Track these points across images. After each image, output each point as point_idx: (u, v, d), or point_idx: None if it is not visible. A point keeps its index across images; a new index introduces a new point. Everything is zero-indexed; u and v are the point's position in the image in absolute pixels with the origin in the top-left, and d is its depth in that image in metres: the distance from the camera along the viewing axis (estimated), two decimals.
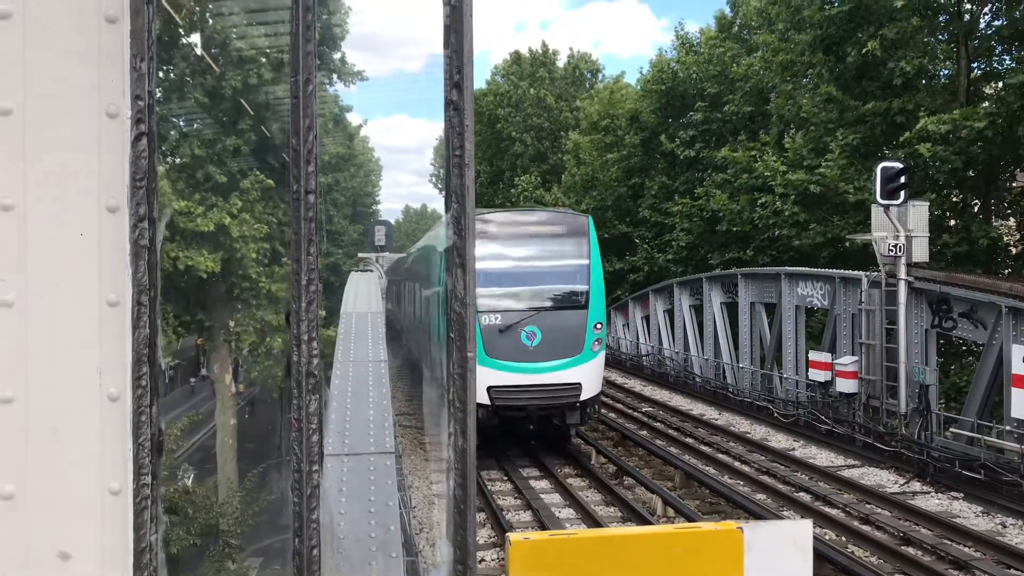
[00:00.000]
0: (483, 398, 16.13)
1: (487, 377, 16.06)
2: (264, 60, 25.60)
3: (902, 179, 17.47)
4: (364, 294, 20.15)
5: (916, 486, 15.78)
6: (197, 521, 20.26)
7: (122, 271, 1.68)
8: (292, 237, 1.68)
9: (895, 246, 17.48)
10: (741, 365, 25.42)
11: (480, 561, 12.32)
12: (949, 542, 12.36)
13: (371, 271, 32.91)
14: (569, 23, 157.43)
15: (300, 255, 1.69)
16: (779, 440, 20.26)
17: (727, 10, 39.12)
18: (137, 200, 1.66)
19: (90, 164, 1.68)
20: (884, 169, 17.54)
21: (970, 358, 23.20)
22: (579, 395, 16.81)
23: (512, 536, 1.45)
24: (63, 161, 1.67)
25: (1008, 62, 24.22)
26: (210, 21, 25.31)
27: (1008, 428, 14.89)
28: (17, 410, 1.64)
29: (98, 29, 1.67)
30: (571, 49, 69.40)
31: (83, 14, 1.67)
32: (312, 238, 1.69)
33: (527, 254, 17.40)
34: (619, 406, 25.20)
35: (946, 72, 26.05)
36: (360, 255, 48.13)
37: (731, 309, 26.48)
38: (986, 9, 24.81)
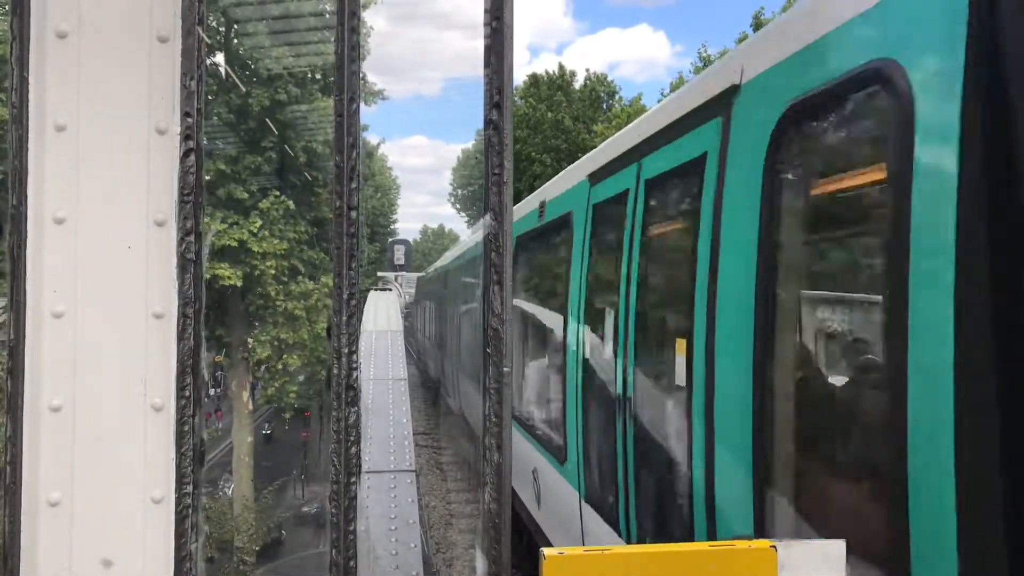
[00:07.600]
0: None
1: None
2: (289, 79, 25.89)
3: None
4: (384, 313, 20.21)
5: None
6: (213, 537, 20.35)
7: (167, 284, 1.71)
8: (334, 252, 1.70)
9: None
10: None
11: None
12: None
13: (390, 290, 33.04)
14: (584, 48, 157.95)
15: (342, 269, 1.70)
16: None
17: (750, 33, 39.18)
18: (185, 214, 1.69)
19: (139, 179, 1.71)
20: None
21: None
22: None
23: (546, 551, 1.46)
24: (114, 176, 1.71)
25: None
26: (235, 40, 25.66)
27: None
28: (65, 418, 1.67)
29: (149, 48, 1.72)
30: (587, 71, 69.75)
31: (136, 34, 1.71)
32: (354, 253, 1.70)
33: None
34: None
35: None
36: (379, 274, 48.24)
37: None
38: None
